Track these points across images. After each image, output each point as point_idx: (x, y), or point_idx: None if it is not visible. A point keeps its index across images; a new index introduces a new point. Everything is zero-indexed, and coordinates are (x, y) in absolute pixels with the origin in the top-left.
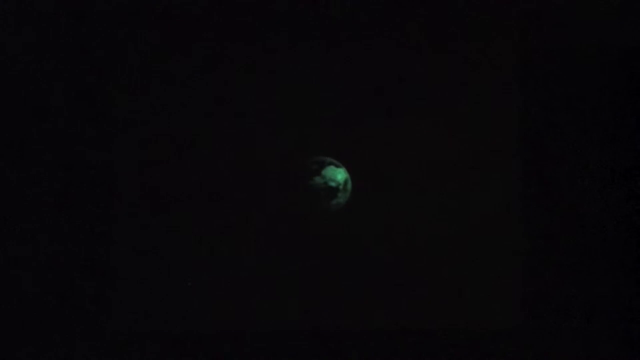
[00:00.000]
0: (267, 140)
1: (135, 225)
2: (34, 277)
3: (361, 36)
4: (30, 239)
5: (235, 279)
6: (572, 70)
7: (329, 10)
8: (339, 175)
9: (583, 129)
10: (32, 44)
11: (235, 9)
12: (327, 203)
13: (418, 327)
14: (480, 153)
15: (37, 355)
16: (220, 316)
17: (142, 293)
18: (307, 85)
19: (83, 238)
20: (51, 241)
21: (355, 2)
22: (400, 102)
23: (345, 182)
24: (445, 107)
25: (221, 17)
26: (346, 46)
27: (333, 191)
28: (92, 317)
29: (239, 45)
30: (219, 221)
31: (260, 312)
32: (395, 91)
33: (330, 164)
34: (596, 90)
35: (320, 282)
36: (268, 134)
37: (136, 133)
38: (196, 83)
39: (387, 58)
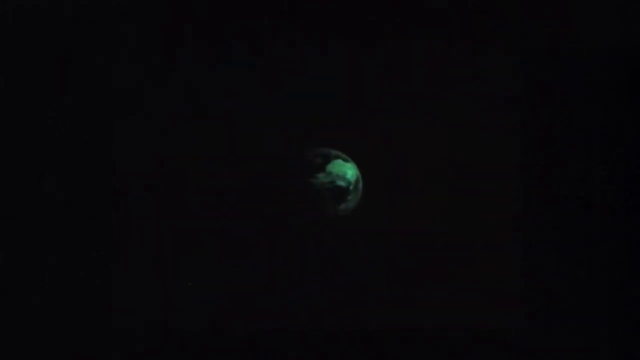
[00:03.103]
0: (260, 131)
1: (134, 225)
2: (34, 278)
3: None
4: (29, 238)
5: (234, 279)
6: (573, 71)
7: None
8: (348, 171)
9: (584, 130)
10: (31, 43)
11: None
12: (334, 206)
13: (419, 328)
14: (486, 154)
15: (37, 355)
16: (220, 316)
17: (142, 293)
18: (305, 74)
19: (83, 238)
20: (51, 241)
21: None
22: (405, 97)
23: (356, 180)
24: (451, 106)
25: (223, 9)
26: (349, 42)
27: (341, 192)
28: (92, 317)
29: (238, 34)
30: (218, 220)
31: (259, 312)
32: (398, 87)
33: (337, 157)
34: (598, 91)
35: (321, 282)
36: (262, 124)
37: (136, 131)
38: (194, 76)
39: (389, 58)
